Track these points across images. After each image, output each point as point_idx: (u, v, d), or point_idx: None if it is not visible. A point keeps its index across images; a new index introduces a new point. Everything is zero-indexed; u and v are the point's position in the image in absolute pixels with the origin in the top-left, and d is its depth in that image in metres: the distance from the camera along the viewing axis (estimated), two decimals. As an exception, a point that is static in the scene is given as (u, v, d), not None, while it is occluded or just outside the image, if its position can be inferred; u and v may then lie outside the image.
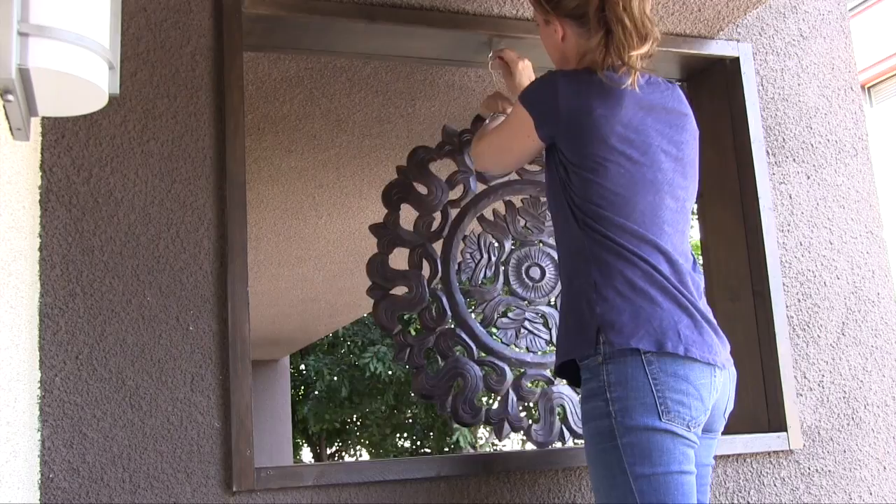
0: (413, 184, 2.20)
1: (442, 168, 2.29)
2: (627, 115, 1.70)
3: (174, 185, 1.91)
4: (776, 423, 2.33)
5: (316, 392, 12.38)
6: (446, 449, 12.22)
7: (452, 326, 2.16)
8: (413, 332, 2.17)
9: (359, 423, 13.43)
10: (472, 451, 11.69)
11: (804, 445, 2.36)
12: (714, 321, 1.72)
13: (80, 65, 1.20)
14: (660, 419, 1.57)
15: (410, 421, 13.13)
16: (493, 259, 2.22)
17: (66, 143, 1.85)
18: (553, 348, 2.22)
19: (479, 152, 1.99)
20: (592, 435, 1.65)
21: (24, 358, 1.48)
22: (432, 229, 2.20)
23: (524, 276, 2.24)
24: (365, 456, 13.81)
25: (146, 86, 1.93)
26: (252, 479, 1.83)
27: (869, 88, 10.52)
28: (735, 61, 2.50)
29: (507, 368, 2.16)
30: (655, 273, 1.65)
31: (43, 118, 1.81)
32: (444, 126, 2.29)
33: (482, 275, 2.21)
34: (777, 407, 2.34)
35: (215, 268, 1.90)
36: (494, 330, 2.22)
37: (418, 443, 13.23)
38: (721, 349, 1.69)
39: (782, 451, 2.33)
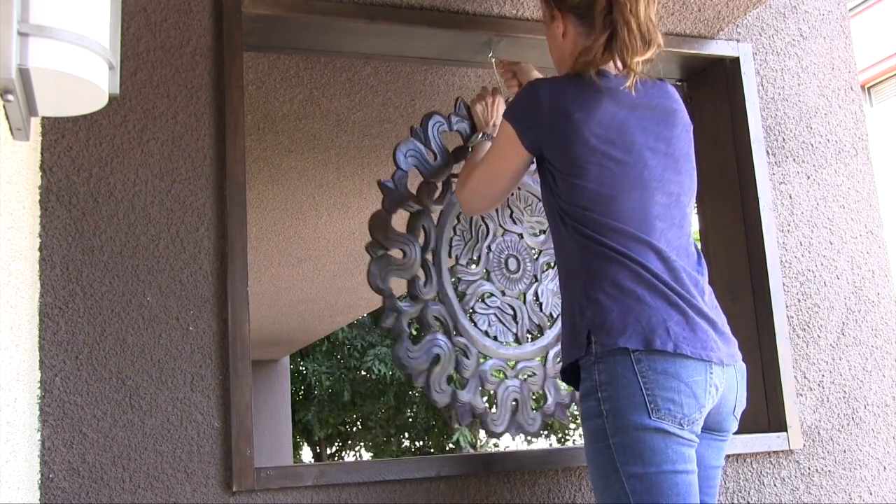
0: (423, 148, 2.20)
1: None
2: (607, 116, 1.69)
3: (174, 185, 1.91)
4: (776, 423, 2.33)
5: (316, 393, 12.38)
6: (447, 448, 12.23)
7: (437, 300, 2.15)
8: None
9: (360, 425, 13.44)
10: (472, 451, 11.69)
11: (804, 445, 2.36)
12: (716, 318, 1.70)
13: (80, 65, 1.20)
14: (649, 417, 1.56)
15: (411, 420, 13.15)
16: (481, 243, 2.22)
17: (66, 143, 1.85)
18: (516, 343, 2.23)
19: (469, 192, 1.92)
20: (588, 434, 1.65)
21: (24, 358, 1.48)
22: (433, 198, 2.19)
23: (503, 265, 2.24)
24: (366, 456, 13.83)
25: (146, 86, 1.93)
26: (252, 479, 1.83)
27: (869, 88, 10.53)
28: (735, 61, 2.50)
29: (476, 353, 2.16)
30: (644, 271, 1.64)
31: (43, 118, 1.81)
32: (458, 98, 2.28)
33: (469, 256, 2.21)
34: (777, 407, 2.34)
35: (215, 268, 1.90)
36: (473, 312, 2.21)
37: (419, 442, 13.25)
38: (722, 345, 1.68)
39: (782, 451, 2.33)
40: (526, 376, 2.22)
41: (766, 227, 2.41)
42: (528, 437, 12.72)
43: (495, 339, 2.19)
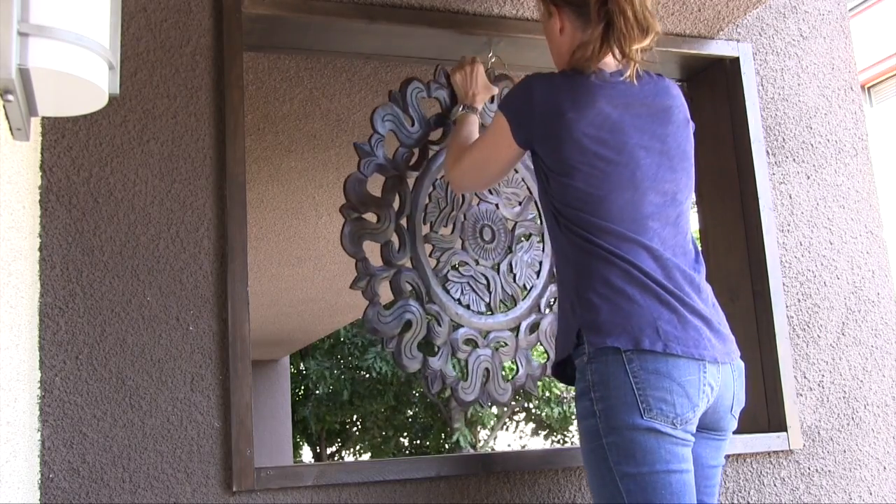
0: (401, 113, 2.19)
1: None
2: (601, 116, 1.69)
3: (174, 185, 1.91)
4: (776, 423, 2.33)
5: (318, 391, 12.40)
6: (446, 447, 12.24)
7: (411, 266, 2.15)
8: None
9: (359, 425, 13.45)
10: (472, 450, 11.70)
11: (804, 445, 2.36)
12: (711, 315, 1.70)
13: (80, 65, 1.20)
14: (641, 417, 1.56)
15: (410, 421, 13.15)
16: (456, 211, 2.22)
17: (66, 143, 1.85)
18: (489, 312, 2.23)
19: (459, 173, 1.94)
20: (583, 434, 1.66)
21: (24, 358, 1.48)
22: (410, 163, 2.18)
23: (478, 234, 2.23)
24: (365, 456, 13.84)
25: (146, 86, 1.93)
26: (252, 479, 1.83)
27: (869, 88, 10.53)
28: (735, 61, 2.50)
29: (448, 321, 2.16)
30: (634, 270, 1.64)
31: (43, 118, 1.81)
32: (439, 66, 2.26)
33: (443, 223, 2.20)
34: (777, 407, 2.34)
35: (215, 268, 1.90)
36: (447, 280, 2.20)
37: (417, 442, 13.26)
38: (717, 343, 1.67)
39: (782, 451, 2.33)
40: (497, 346, 2.21)
41: (766, 227, 2.40)
42: (500, 408, 12.64)
43: (468, 307, 2.18)
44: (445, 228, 2.21)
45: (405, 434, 13.43)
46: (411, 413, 13.09)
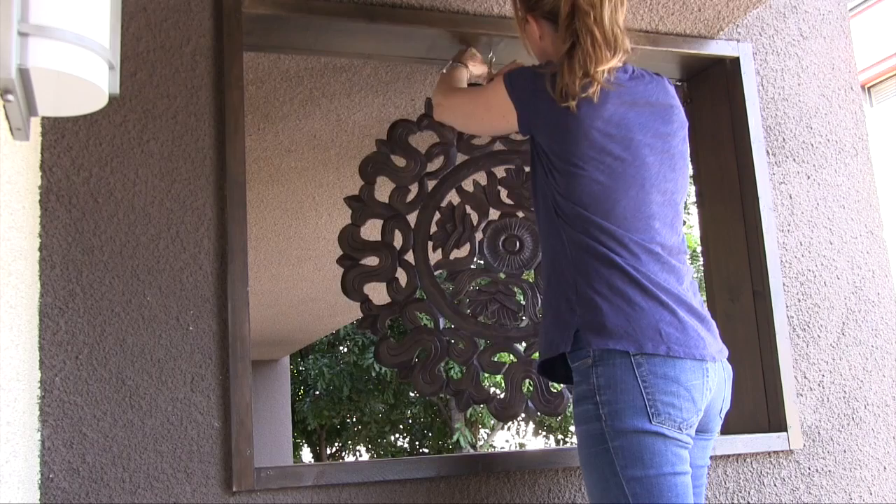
0: (390, 156, 2.20)
1: (422, 140, 2.29)
2: (609, 112, 1.67)
3: (174, 185, 1.91)
4: (776, 423, 2.33)
5: (316, 392, 12.40)
6: (447, 445, 12.23)
7: (420, 297, 2.15)
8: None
9: (357, 422, 13.45)
10: (471, 451, 11.69)
11: (804, 445, 2.36)
12: (704, 312, 1.70)
13: (80, 65, 1.20)
14: (650, 422, 1.56)
15: (410, 421, 13.14)
16: (468, 231, 2.21)
17: (66, 143, 1.85)
18: (525, 321, 2.22)
19: (446, 108, 1.98)
20: (584, 438, 1.64)
21: (24, 358, 1.48)
22: (407, 201, 2.20)
23: (500, 247, 2.22)
24: (364, 454, 13.85)
25: (146, 86, 1.93)
26: (252, 479, 1.83)
27: (869, 88, 10.53)
28: (735, 61, 2.50)
29: (474, 340, 2.16)
30: (636, 273, 1.63)
31: (43, 118, 1.81)
32: (428, 98, 2.28)
33: (455, 246, 2.20)
34: (777, 407, 2.34)
35: (215, 268, 1.90)
36: (466, 300, 2.20)
37: (417, 442, 13.25)
38: (711, 340, 1.67)
39: (782, 451, 2.33)
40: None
41: (766, 227, 2.40)
42: (549, 417, 12.69)
43: (496, 323, 2.17)
44: (459, 250, 2.21)
45: (405, 434, 13.43)
46: (411, 413, 13.08)
